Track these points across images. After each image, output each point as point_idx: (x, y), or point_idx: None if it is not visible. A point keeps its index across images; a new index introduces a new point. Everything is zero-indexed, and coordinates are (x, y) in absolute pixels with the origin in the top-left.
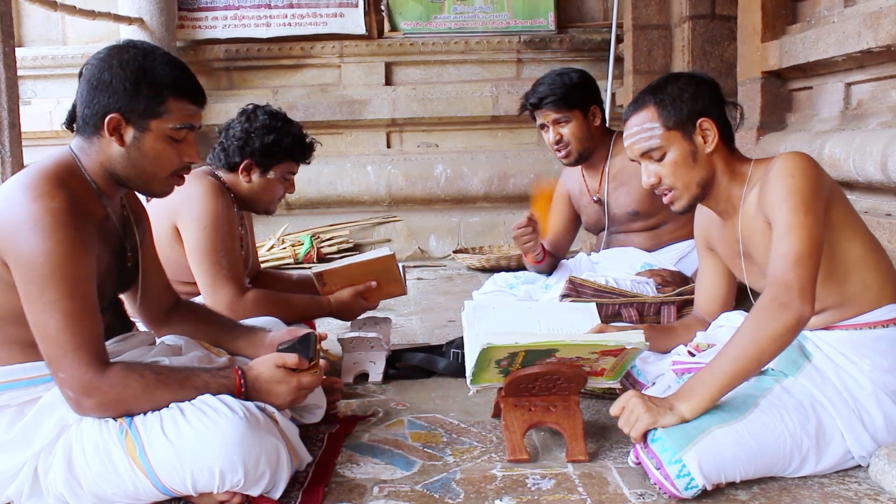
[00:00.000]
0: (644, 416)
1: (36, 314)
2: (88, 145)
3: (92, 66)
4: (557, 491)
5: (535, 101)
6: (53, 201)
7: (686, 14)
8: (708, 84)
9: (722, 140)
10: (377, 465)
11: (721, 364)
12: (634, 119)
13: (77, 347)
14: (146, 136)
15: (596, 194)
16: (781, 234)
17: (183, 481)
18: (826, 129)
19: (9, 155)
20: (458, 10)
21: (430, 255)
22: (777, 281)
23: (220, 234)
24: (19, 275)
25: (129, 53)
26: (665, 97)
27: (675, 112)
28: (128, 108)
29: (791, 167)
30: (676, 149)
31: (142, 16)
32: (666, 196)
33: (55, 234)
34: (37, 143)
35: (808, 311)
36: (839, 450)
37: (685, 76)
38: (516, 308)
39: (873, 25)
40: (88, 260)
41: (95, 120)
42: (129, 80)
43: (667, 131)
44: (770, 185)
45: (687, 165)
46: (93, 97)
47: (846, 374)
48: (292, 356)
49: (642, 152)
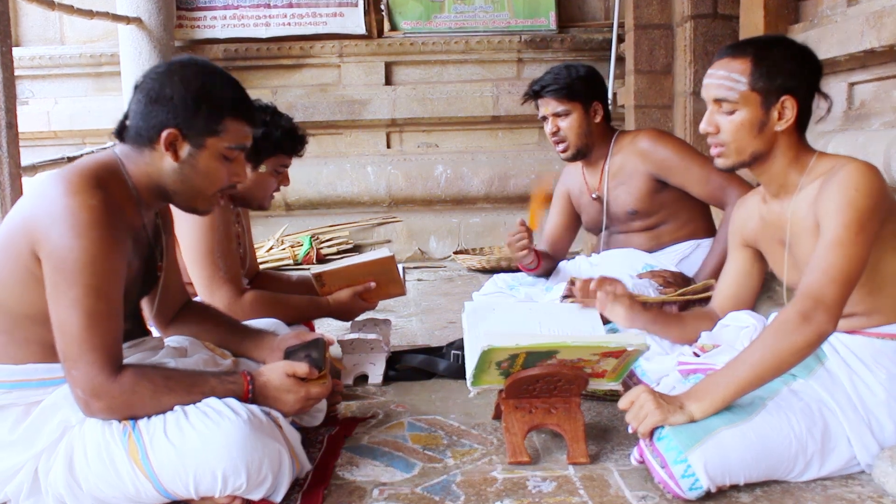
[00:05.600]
0: (654, 412)
1: (59, 309)
2: (137, 155)
3: (151, 79)
4: (558, 493)
5: (538, 89)
6: (92, 199)
7: (688, 13)
8: (812, 64)
9: (796, 123)
10: (377, 467)
11: (737, 369)
12: (725, 63)
13: (94, 348)
14: (201, 153)
15: (595, 192)
16: (827, 246)
17: (185, 484)
18: (829, 129)
19: (6, 155)
20: (458, 10)
21: (430, 256)
22: (809, 293)
23: (216, 235)
24: (49, 267)
25: (190, 70)
26: (766, 58)
27: (767, 77)
28: (186, 125)
29: (857, 180)
30: (749, 111)
31: (140, 15)
32: (715, 149)
33: (90, 232)
34: (34, 144)
35: (832, 328)
36: (844, 455)
37: (796, 47)
38: (517, 309)
39: (876, 25)
40: (119, 263)
41: (151, 133)
42: (190, 97)
43: (750, 91)
44: (830, 190)
45: (751, 132)
46: (150, 110)
47: (860, 380)
48: (303, 366)
49: (716, 98)
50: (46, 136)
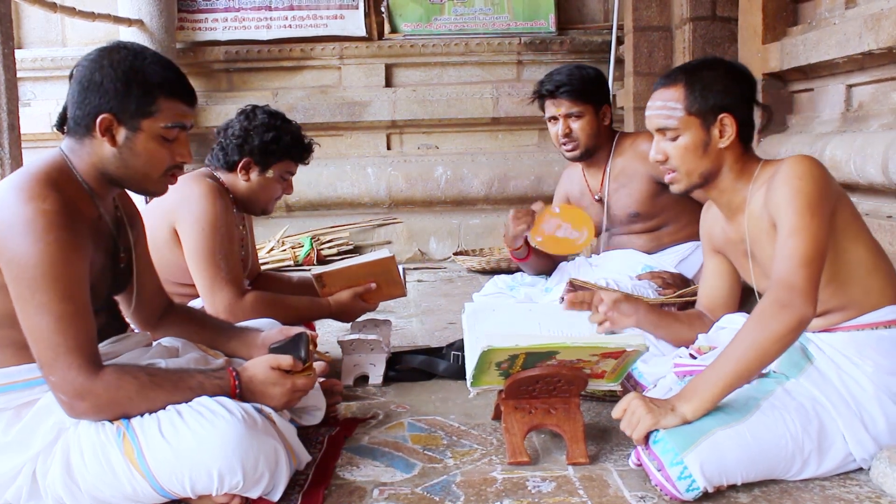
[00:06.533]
0: (646, 417)
1: (28, 317)
2: (80, 146)
3: (83, 67)
4: (558, 493)
5: (552, 88)
6: (45, 203)
7: (687, 16)
8: (743, 80)
9: (738, 138)
10: (377, 467)
11: (723, 365)
12: (660, 93)
13: (69, 350)
14: (138, 135)
15: (597, 193)
16: (786, 236)
17: (181, 483)
18: (827, 130)
19: (8, 157)
20: (458, 12)
21: (431, 257)
22: (780, 282)
23: (218, 236)
24: (11, 277)
25: (119, 54)
26: (696, 82)
27: (701, 100)
28: (119, 109)
29: (799, 170)
30: (690, 135)
31: (142, 17)
32: (668, 175)
33: (47, 237)
34: (36, 145)
35: (810, 312)
36: (841, 452)
37: (725, 65)
38: (517, 310)
39: (874, 27)
40: (81, 262)
41: (87, 121)
42: (119, 80)
43: (687, 115)
44: (777, 187)
45: (696, 154)
46: (84, 98)
47: (848, 376)
48: (286, 358)
49: (657, 128)
50: (48, 137)
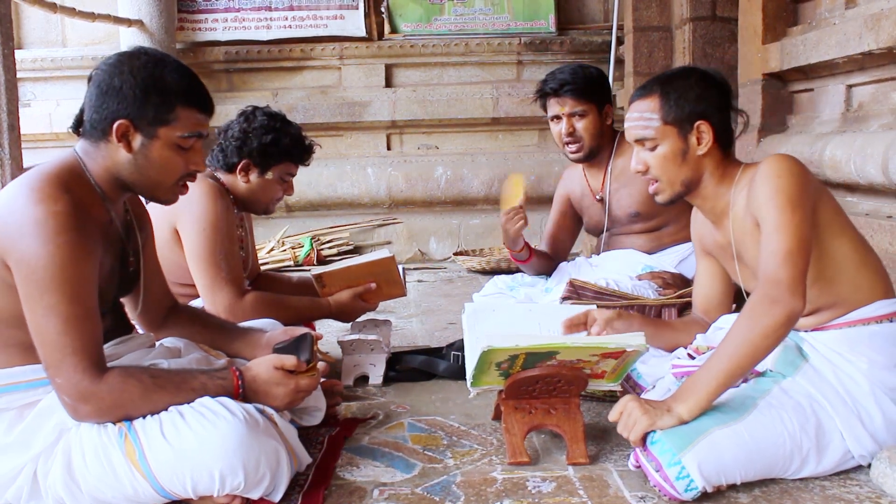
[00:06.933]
0: (642, 418)
1: (35, 318)
2: (94, 149)
3: (102, 71)
4: (558, 494)
5: (556, 86)
6: (57, 205)
7: (687, 16)
8: (718, 86)
9: (717, 144)
10: (377, 467)
11: (716, 363)
12: (637, 105)
13: (75, 352)
14: (154, 143)
15: (599, 193)
16: (770, 233)
17: (183, 484)
18: (827, 131)
19: (8, 157)
20: (458, 12)
21: (431, 257)
22: (767, 278)
23: (219, 237)
24: (20, 277)
25: (140, 60)
26: (671, 91)
27: (677, 109)
28: (137, 115)
29: (777, 168)
30: (668, 144)
31: (141, 18)
32: (651, 186)
33: (57, 239)
34: (36, 146)
35: (799, 305)
36: (839, 450)
37: (698, 73)
38: (517, 310)
39: (874, 27)
40: (90, 265)
41: (104, 125)
42: (139, 87)
43: (663, 125)
44: (757, 186)
45: (675, 162)
46: (102, 102)
47: (843, 374)
48: (290, 358)
49: (636, 138)
50: (48, 137)
